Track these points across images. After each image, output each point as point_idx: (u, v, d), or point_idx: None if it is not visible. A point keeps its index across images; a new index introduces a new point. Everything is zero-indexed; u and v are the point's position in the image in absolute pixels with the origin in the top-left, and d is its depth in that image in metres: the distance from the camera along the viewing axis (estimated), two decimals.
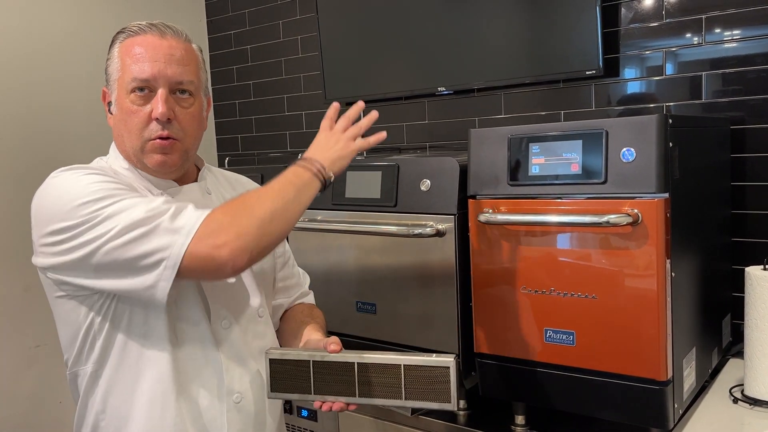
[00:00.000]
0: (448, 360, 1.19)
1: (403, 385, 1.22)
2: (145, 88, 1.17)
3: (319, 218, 1.78)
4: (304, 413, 1.86)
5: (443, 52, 2.31)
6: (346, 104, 2.66)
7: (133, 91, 1.17)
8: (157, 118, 1.17)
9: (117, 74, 1.20)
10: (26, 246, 1.24)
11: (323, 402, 1.25)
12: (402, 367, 1.22)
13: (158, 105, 1.17)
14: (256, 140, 3.05)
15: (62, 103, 2.56)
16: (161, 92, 1.17)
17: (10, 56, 2.40)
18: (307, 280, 1.57)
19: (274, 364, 1.28)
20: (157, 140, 1.18)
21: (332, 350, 1.24)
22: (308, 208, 1.76)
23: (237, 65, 3.05)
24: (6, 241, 2.32)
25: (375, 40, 2.48)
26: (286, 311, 1.48)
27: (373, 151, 2.56)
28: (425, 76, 2.37)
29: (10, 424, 2.26)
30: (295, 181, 1.17)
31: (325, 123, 1.29)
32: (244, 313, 1.28)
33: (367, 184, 1.71)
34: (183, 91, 1.21)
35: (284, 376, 1.28)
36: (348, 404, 1.24)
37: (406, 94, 2.46)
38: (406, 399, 1.22)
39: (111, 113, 1.24)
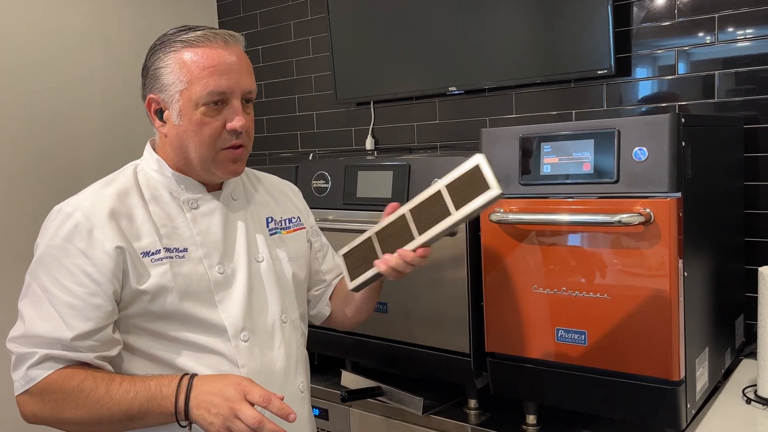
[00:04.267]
0: (476, 157, 1.23)
1: (450, 204, 1.25)
2: (219, 101, 1.19)
3: (330, 218, 1.79)
4: (316, 412, 1.86)
5: (454, 52, 2.31)
6: (357, 104, 2.69)
7: (206, 103, 1.18)
8: (235, 129, 1.19)
9: (181, 85, 1.18)
10: None
11: (389, 259, 1.28)
12: (442, 189, 1.26)
13: (237, 118, 1.19)
14: (268, 140, 3.07)
15: (77, 104, 2.59)
16: (237, 104, 1.20)
17: (23, 58, 2.42)
18: None
19: (345, 257, 1.37)
20: (230, 150, 1.21)
21: (389, 209, 1.33)
22: (320, 208, 1.80)
23: None
24: (27, 242, 2.34)
25: (386, 41, 2.49)
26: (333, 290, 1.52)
27: (384, 151, 2.57)
28: (436, 76, 2.37)
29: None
30: (147, 412, 1.11)
31: (240, 387, 1.09)
32: (264, 323, 1.27)
33: (378, 184, 1.72)
34: (248, 100, 1.23)
35: (356, 262, 1.35)
36: (414, 250, 1.27)
37: (416, 94, 2.46)
38: (456, 210, 1.23)
39: (163, 121, 1.23)
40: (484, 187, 1.20)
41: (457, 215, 1.23)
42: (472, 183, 1.22)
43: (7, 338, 1.16)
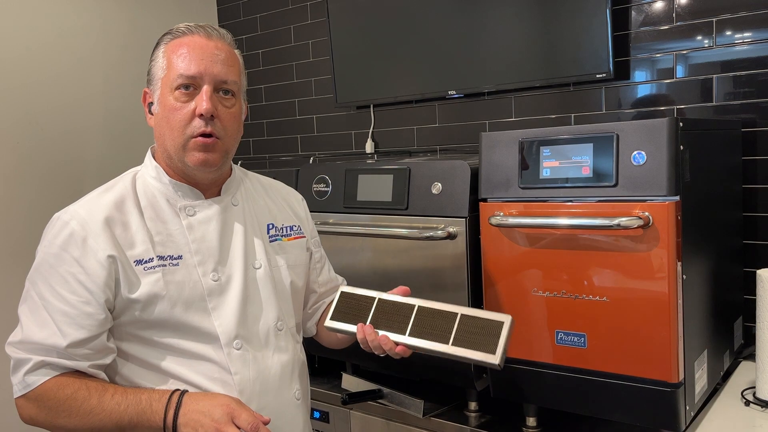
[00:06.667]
0: (506, 317, 1.21)
1: (453, 332, 1.23)
2: (190, 86, 1.19)
3: (331, 221, 1.80)
4: (317, 415, 1.87)
5: (453, 56, 2.32)
6: (357, 108, 2.70)
7: (178, 88, 1.19)
8: (201, 114, 1.18)
9: (162, 73, 1.22)
10: None
11: (369, 333, 1.27)
12: (459, 315, 1.24)
13: (203, 101, 1.18)
14: (268, 144, 3.08)
15: (77, 104, 2.59)
16: (206, 89, 1.19)
17: (23, 57, 2.43)
18: (345, 283, 1.57)
19: (342, 297, 1.35)
20: (200, 138, 1.19)
21: (400, 292, 1.31)
22: (320, 212, 1.80)
23: (248, 69, 3.07)
24: (25, 243, 2.35)
25: (385, 44, 2.50)
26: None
27: (384, 154, 2.58)
28: (435, 80, 2.38)
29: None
30: (136, 424, 1.13)
31: (228, 408, 1.11)
32: (258, 330, 1.27)
33: (378, 188, 1.72)
34: (226, 91, 1.23)
35: (347, 309, 1.34)
36: (396, 344, 1.26)
37: (416, 97, 2.47)
38: (452, 345, 1.22)
39: (152, 113, 1.25)
40: (491, 348, 1.19)
41: (448, 349, 1.22)
42: (485, 334, 1.21)
43: (6, 342, 1.17)
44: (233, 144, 1.27)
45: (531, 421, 1.58)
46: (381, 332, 1.27)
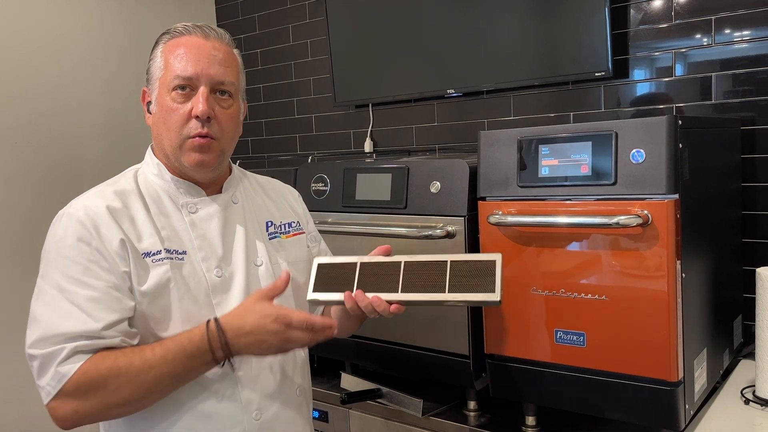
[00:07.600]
0: (495, 255, 1.20)
1: (447, 280, 1.20)
2: (186, 87, 1.19)
3: (329, 220, 1.79)
4: (315, 414, 1.87)
5: (452, 55, 2.31)
6: (356, 107, 2.69)
7: (174, 89, 1.19)
8: (197, 116, 1.18)
9: (159, 73, 1.22)
10: None
11: (360, 298, 1.22)
12: (448, 263, 1.21)
13: (199, 103, 1.18)
14: (266, 143, 3.07)
15: (77, 105, 2.59)
16: (202, 90, 1.19)
17: (23, 58, 2.42)
18: None
19: (320, 268, 1.29)
20: (196, 138, 1.19)
21: (381, 251, 1.28)
22: (319, 211, 1.80)
23: (247, 69, 3.05)
24: (28, 243, 2.35)
25: (384, 43, 2.50)
26: None
27: (383, 153, 2.58)
28: (434, 79, 2.38)
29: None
30: (191, 369, 1.12)
31: (279, 320, 1.12)
32: None
33: (377, 187, 1.72)
34: (223, 92, 1.23)
35: (328, 278, 1.27)
36: (390, 303, 1.22)
37: (415, 96, 2.47)
38: (449, 292, 1.19)
39: (150, 113, 1.25)
40: (489, 288, 1.17)
41: (448, 297, 1.19)
42: (479, 276, 1.18)
43: (26, 346, 1.11)
44: (230, 144, 1.27)
45: (530, 420, 1.57)
46: (371, 295, 1.22)
